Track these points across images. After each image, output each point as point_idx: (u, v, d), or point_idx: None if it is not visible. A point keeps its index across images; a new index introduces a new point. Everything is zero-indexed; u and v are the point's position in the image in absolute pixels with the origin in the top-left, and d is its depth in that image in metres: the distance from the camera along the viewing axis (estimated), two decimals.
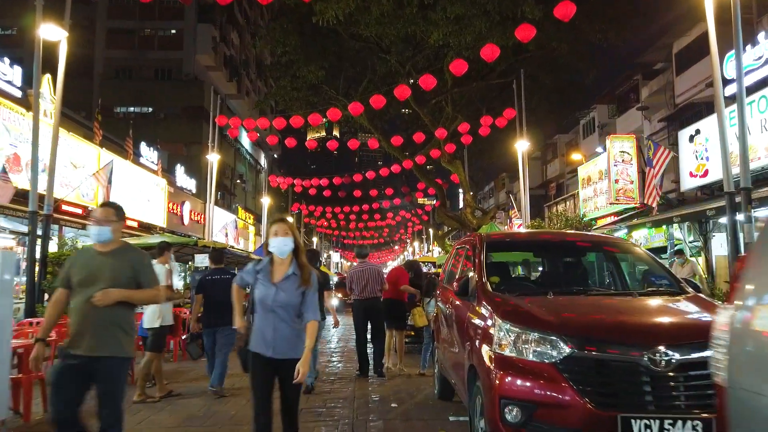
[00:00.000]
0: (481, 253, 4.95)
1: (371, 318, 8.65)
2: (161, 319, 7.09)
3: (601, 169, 18.54)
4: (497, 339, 3.76)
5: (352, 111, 17.17)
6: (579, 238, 5.70)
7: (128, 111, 39.48)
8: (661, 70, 25.26)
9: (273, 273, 3.76)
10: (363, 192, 31.23)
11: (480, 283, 4.60)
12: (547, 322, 3.63)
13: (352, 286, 8.68)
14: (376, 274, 8.61)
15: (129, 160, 19.80)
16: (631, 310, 3.87)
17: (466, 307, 4.75)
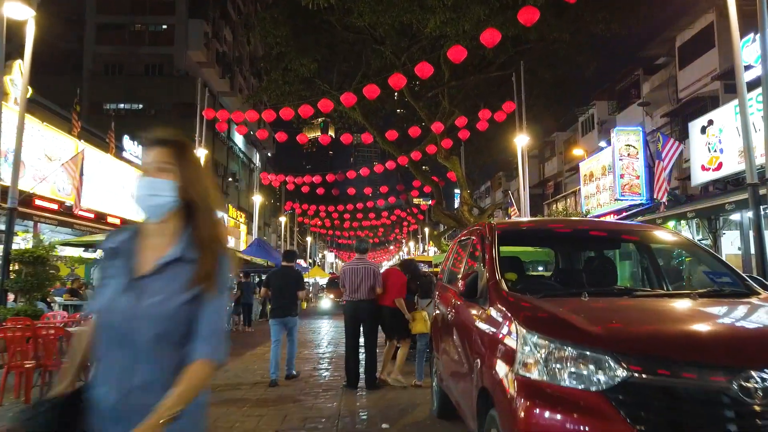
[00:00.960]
0: (492, 246, 3.96)
1: (362, 322, 7.65)
2: None
3: (605, 165, 17.62)
4: (521, 356, 2.77)
5: (345, 102, 16.17)
6: (617, 227, 4.65)
7: (118, 108, 38.39)
8: (663, 65, 24.39)
9: (137, 257, 1.82)
10: (357, 190, 30.23)
11: (492, 281, 3.61)
12: (591, 334, 2.64)
13: (345, 284, 7.68)
14: (371, 273, 7.59)
15: (111, 153, 18.74)
16: (700, 317, 2.88)
17: (473, 311, 3.76)
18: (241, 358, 10.55)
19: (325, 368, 9.18)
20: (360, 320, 7.64)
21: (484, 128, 19.51)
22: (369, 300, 7.56)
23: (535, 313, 3.00)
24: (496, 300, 3.43)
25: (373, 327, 7.70)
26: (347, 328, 7.79)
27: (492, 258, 3.84)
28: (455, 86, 21.61)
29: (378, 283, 7.57)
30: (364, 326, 7.65)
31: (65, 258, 18.17)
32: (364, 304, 7.56)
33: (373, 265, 7.86)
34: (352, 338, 7.70)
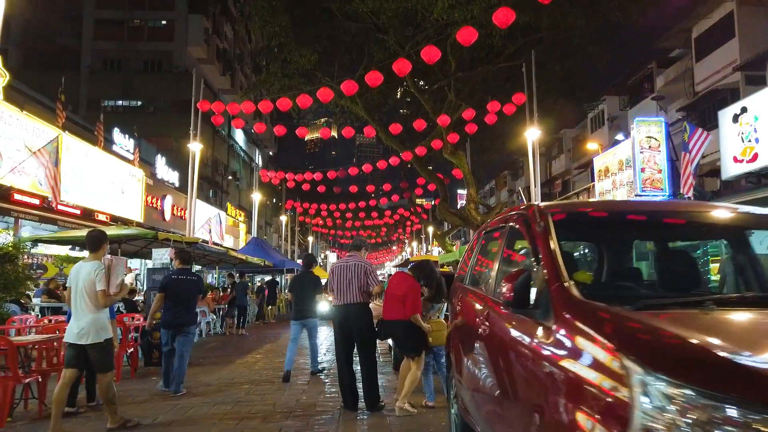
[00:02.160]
0: (548, 235, 2.73)
1: (354, 331, 6.30)
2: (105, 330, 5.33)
3: (622, 159, 16.36)
4: (641, 419, 1.54)
5: (346, 90, 14.96)
6: (738, 210, 3.30)
7: (116, 104, 37.34)
8: (679, 57, 23.16)
9: None
10: (360, 188, 29.01)
11: (556, 284, 2.39)
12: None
13: (333, 285, 6.40)
14: (361, 272, 6.25)
15: (99, 146, 17.55)
16: None
17: (524, 328, 2.54)
18: (228, 368, 9.32)
19: (320, 383, 7.94)
20: (351, 328, 6.30)
21: (492, 121, 18.30)
22: (361, 303, 6.28)
23: (653, 340, 1.78)
24: (568, 313, 2.21)
25: (367, 336, 6.35)
26: (337, 337, 6.47)
27: (551, 252, 2.61)
28: (462, 78, 20.40)
29: (370, 282, 6.28)
30: (357, 335, 6.31)
31: (53, 257, 17.01)
32: (355, 308, 6.25)
33: (365, 262, 6.51)
34: (343, 350, 6.37)
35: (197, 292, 7.46)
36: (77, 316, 5.17)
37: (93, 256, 5.35)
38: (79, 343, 5.10)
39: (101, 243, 5.40)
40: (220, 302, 15.11)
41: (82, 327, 5.09)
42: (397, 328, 6.01)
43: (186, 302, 7.21)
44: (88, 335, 5.09)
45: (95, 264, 5.19)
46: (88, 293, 5.11)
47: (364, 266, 6.45)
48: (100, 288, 5.09)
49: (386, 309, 6.11)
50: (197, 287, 7.47)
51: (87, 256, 5.45)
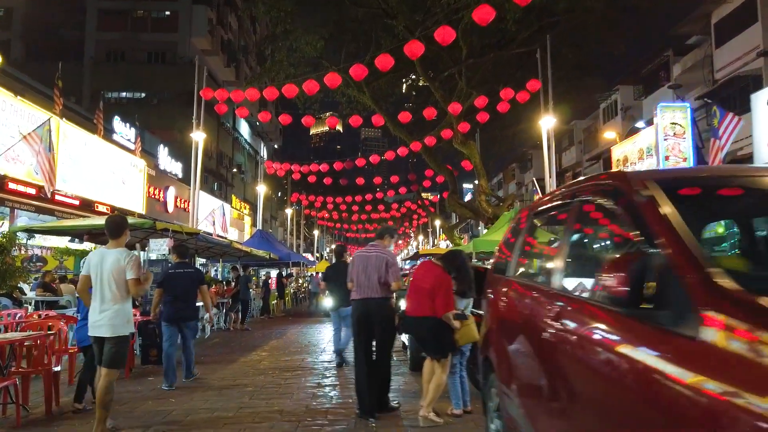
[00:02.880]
0: (664, 208, 1.97)
1: (373, 329, 5.65)
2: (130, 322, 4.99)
3: (642, 148, 15.57)
4: None
5: (354, 75, 14.19)
6: None
7: (120, 96, 36.68)
8: (697, 44, 22.25)
9: None
10: (366, 180, 28.24)
11: (698, 276, 1.62)
12: None
13: (353, 276, 5.76)
14: (381, 264, 5.58)
15: (98, 135, 16.83)
16: None
17: (644, 337, 1.77)
18: (230, 367, 8.59)
19: (330, 384, 7.19)
20: (370, 325, 5.64)
21: (505, 110, 17.47)
22: (381, 299, 5.60)
23: None
24: (724, 315, 1.44)
25: (386, 336, 5.71)
26: (356, 336, 5.81)
27: (674, 229, 1.84)
28: (473, 65, 19.57)
29: (390, 275, 5.56)
30: (377, 333, 5.65)
31: (51, 249, 16.34)
32: (375, 303, 5.60)
33: (387, 253, 5.81)
34: (362, 350, 5.70)
35: (196, 284, 7.29)
36: (99, 305, 4.71)
37: (115, 242, 4.89)
38: (100, 335, 4.69)
39: (122, 229, 4.97)
40: (224, 296, 14.41)
41: (107, 317, 4.68)
42: (422, 326, 5.24)
43: (185, 296, 7.14)
44: (111, 326, 4.67)
45: (124, 251, 4.80)
46: (117, 282, 4.71)
47: (385, 258, 5.72)
48: (133, 276, 4.70)
49: (411, 303, 5.34)
50: (196, 280, 7.31)
51: (108, 243, 4.95)
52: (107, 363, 4.69)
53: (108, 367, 4.69)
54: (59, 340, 6.92)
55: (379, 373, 5.64)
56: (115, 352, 4.68)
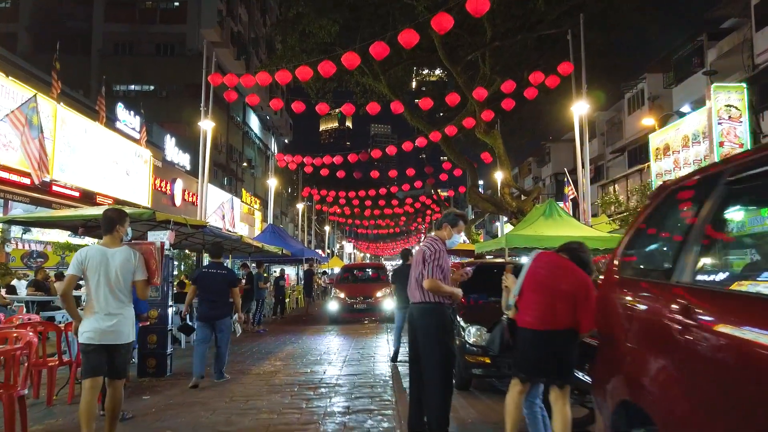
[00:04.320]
0: None
1: (417, 339, 4.47)
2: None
3: (687, 134, 14.07)
4: None
5: (375, 54, 12.74)
6: None
7: (128, 89, 35.54)
8: (734, 27, 20.65)
9: None
10: (381, 173, 26.85)
11: None
12: None
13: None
14: (419, 257, 4.49)
15: (100, 123, 15.54)
16: None
17: None
18: (241, 382, 7.23)
19: (364, 410, 5.78)
20: (416, 335, 4.48)
21: (533, 96, 16.01)
22: (422, 304, 4.39)
23: None
24: None
25: (429, 348, 4.35)
26: (409, 351, 4.71)
27: None
28: (499, 48, 18.12)
29: (425, 272, 4.30)
30: (419, 345, 4.43)
31: (51, 244, 15.09)
32: (416, 310, 4.46)
33: (429, 244, 4.46)
34: (412, 367, 4.54)
35: (229, 285, 7.30)
36: (106, 310, 4.24)
37: (110, 239, 4.42)
38: (113, 343, 4.24)
39: (114, 224, 4.44)
40: None
41: (119, 323, 4.27)
42: (555, 344, 3.74)
43: (217, 295, 7.22)
44: (124, 333, 4.30)
45: (131, 249, 4.43)
46: (126, 283, 4.35)
47: (423, 249, 4.46)
48: (142, 277, 4.40)
49: (535, 310, 3.82)
50: (228, 280, 7.32)
51: (104, 239, 4.45)
52: (119, 372, 4.37)
53: (120, 378, 4.40)
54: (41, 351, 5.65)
55: (428, 391, 4.31)
56: (125, 360, 4.44)
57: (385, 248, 61.90)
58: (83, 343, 4.23)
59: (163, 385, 6.94)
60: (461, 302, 5.31)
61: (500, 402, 5.81)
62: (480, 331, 6.09)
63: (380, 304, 14.92)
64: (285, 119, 51.33)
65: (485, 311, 6.47)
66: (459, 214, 4.66)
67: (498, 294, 6.78)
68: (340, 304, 15.07)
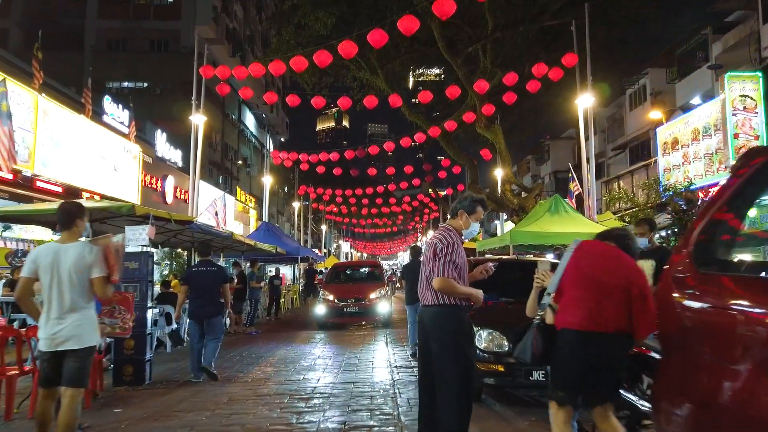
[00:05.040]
0: None
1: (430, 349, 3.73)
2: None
3: (697, 127, 13.42)
4: None
5: (373, 42, 12.04)
6: None
7: (121, 86, 34.75)
8: (739, 21, 20.02)
9: None
10: (379, 172, 26.14)
11: None
12: None
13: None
14: (429, 251, 3.77)
15: (86, 116, 14.78)
16: None
17: None
18: (227, 390, 6.50)
19: (364, 426, 5.07)
20: (427, 342, 3.74)
21: (535, 89, 15.37)
22: (433, 305, 3.68)
23: None
24: None
25: (443, 361, 3.61)
26: (419, 362, 4.02)
27: None
28: (499, 40, 17.47)
29: (435, 268, 3.60)
30: (431, 356, 3.70)
31: (33, 242, 14.29)
32: (426, 312, 3.76)
33: (441, 235, 3.74)
34: (423, 382, 3.81)
35: (219, 282, 7.26)
36: (58, 313, 3.80)
37: (68, 234, 3.97)
38: (63, 349, 3.78)
39: (74, 218, 3.99)
40: None
41: (70, 326, 3.80)
42: (604, 350, 3.01)
43: (208, 293, 7.20)
44: (78, 337, 3.81)
45: (86, 244, 3.95)
46: (80, 282, 3.86)
47: (433, 242, 3.76)
48: (100, 274, 3.86)
49: (577, 309, 3.12)
50: (219, 278, 7.29)
51: (61, 235, 4.03)
52: (72, 381, 3.80)
53: (74, 386, 3.82)
54: None
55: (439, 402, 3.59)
56: (81, 367, 3.84)
57: (383, 247, 61.20)
58: (39, 350, 3.92)
59: (139, 396, 6.22)
60: None
61: (516, 413, 5.12)
62: (492, 335, 5.40)
63: (375, 306, 13.11)
64: (281, 117, 50.57)
65: (499, 313, 5.77)
66: (477, 199, 3.94)
67: (516, 294, 6.03)
68: (327, 307, 13.07)
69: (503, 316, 5.66)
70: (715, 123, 12.50)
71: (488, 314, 5.66)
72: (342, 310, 13.06)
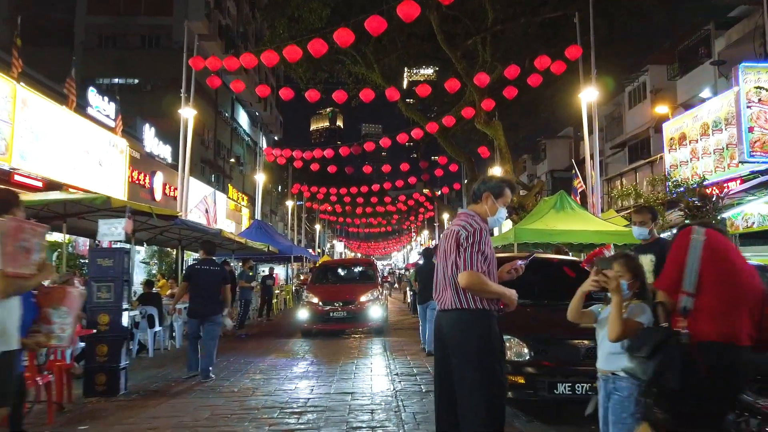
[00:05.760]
0: None
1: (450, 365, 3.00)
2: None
3: (707, 122, 12.84)
4: None
5: (371, 29, 11.38)
6: None
7: (112, 82, 33.86)
8: (743, 16, 19.51)
9: None
10: (374, 169, 25.48)
11: None
12: None
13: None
14: (450, 241, 3.03)
15: (69, 108, 14.00)
16: None
17: None
18: (208, 403, 5.78)
19: None
20: (447, 355, 3.00)
21: (537, 83, 14.75)
22: (454, 310, 2.98)
23: None
24: None
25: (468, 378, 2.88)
26: (435, 380, 3.16)
27: None
28: (500, 33, 16.86)
29: (461, 260, 2.93)
30: (452, 373, 2.97)
31: None
32: (445, 318, 3.04)
33: (464, 222, 3.06)
34: (438, 389, 3.10)
35: (220, 282, 7.24)
36: None
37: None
38: None
39: (10, 206, 3.28)
40: None
41: None
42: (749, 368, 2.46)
43: (208, 292, 7.13)
44: None
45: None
46: None
47: (455, 230, 3.02)
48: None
49: (734, 318, 2.47)
50: (220, 277, 7.28)
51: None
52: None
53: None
54: None
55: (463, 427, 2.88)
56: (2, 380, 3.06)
57: (377, 247, 60.48)
58: None
59: (110, 409, 5.50)
60: None
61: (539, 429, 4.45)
62: (510, 342, 4.70)
63: (366, 310, 11.43)
64: (275, 116, 49.80)
65: (518, 317, 5.07)
66: (505, 180, 3.26)
67: (537, 295, 5.32)
68: (311, 311, 11.38)
69: (523, 319, 4.96)
70: (726, 117, 11.92)
71: (505, 317, 4.95)
72: (328, 315, 11.37)
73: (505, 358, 3.21)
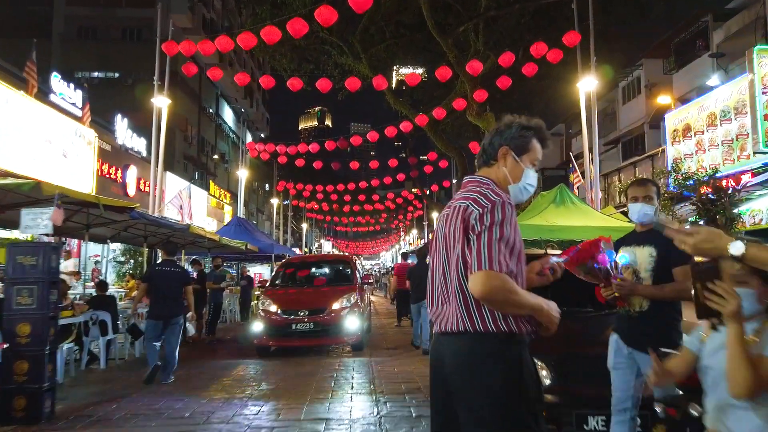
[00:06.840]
0: None
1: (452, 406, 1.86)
2: None
3: (714, 111, 11.88)
4: None
5: (355, 6, 10.24)
6: None
7: (91, 76, 32.46)
8: (742, 7, 18.72)
9: None
10: (362, 166, 24.37)
11: None
12: None
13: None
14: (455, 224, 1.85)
15: (29, 94, 12.72)
16: None
17: None
18: (153, 425, 4.63)
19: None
20: (448, 394, 1.86)
21: (532, 73, 13.75)
22: (470, 335, 1.83)
23: None
24: None
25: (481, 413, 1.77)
26: (431, 422, 1.98)
27: None
28: (493, 19, 15.85)
29: (485, 253, 1.75)
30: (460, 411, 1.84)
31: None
32: (446, 342, 1.90)
33: (474, 195, 1.89)
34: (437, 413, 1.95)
35: (182, 283, 7.09)
36: None
37: None
38: None
39: None
40: None
41: None
42: None
43: (170, 293, 6.93)
44: None
45: None
46: None
47: (461, 206, 1.88)
48: None
49: None
50: (182, 280, 7.14)
51: None
52: None
53: None
54: None
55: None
56: None
57: (365, 247, 59.30)
58: None
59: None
60: None
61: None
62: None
63: (340, 321, 8.80)
64: (261, 113, 48.48)
65: None
66: (531, 127, 2.11)
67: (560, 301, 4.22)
68: (267, 323, 8.78)
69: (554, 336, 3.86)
70: (736, 105, 10.96)
71: None
72: (289, 328, 8.66)
73: (542, 407, 2.05)
